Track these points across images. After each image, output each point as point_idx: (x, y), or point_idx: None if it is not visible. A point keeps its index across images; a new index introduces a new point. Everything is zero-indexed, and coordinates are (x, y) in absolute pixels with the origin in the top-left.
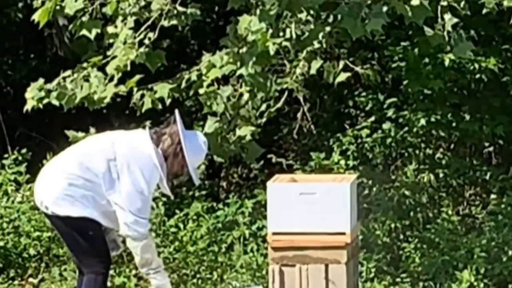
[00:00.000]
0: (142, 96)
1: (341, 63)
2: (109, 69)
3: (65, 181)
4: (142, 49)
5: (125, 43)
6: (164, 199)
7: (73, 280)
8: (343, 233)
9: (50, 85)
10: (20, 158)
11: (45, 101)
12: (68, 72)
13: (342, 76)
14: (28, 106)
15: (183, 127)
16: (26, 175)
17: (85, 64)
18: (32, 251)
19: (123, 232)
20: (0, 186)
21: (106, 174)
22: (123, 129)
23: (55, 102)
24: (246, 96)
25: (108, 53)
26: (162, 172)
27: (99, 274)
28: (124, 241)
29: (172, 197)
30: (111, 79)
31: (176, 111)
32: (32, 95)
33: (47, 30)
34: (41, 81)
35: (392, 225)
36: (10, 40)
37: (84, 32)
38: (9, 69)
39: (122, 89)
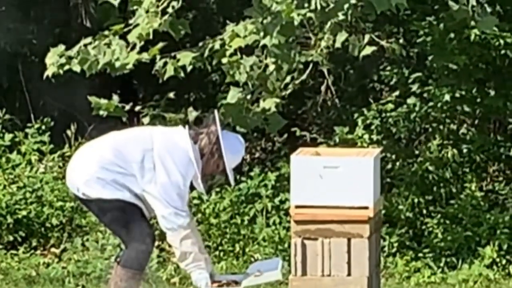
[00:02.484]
0: (165, 64)
1: (366, 37)
2: (131, 37)
3: (97, 164)
4: (165, 17)
5: (147, 11)
6: None
7: (95, 250)
8: (366, 207)
9: (71, 52)
10: (43, 127)
11: (66, 67)
12: (89, 39)
13: (367, 50)
14: (48, 72)
15: (221, 128)
16: (49, 144)
17: (106, 32)
18: (54, 221)
19: (162, 225)
20: (24, 155)
21: (141, 164)
22: (148, 100)
23: (76, 69)
24: (271, 67)
25: (130, 21)
26: (197, 169)
27: (139, 252)
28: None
29: (206, 196)
30: (133, 47)
31: (215, 112)
32: (52, 61)
33: (73, 1)
34: (61, 47)
35: (415, 200)
36: (35, 9)
37: None
38: (34, 38)
39: (145, 56)
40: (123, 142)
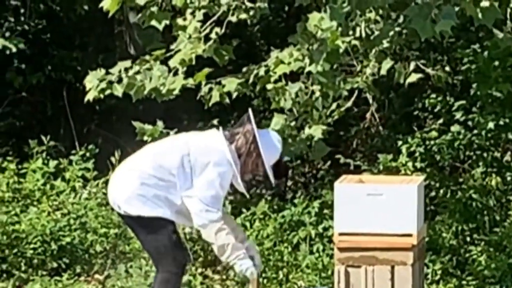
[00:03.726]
0: (210, 89)
1: (412, 64)
2: (173, 62)
3: (137, 181)
4: (210, 43)
5: (189, 37)
6: (230, 198)
7: (138, 277)
8: (410, 235)
9: (111, 76)
10: (87, 154)
11: (108, 92)
12: (128, 63)
13: (413, 77)
14: (89, 97)
15: (256, 126)
16: (93, 171)
17: (147, 57)
18: (98, 248)
19: (195, 222)
20: (68, 182)
21: (179, 169)
22: (192, 127)
23: (117, 93)
24: (317, 94)
25: (172, 46)
26: (236, 169)
27: (172, 273)
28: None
29: (247, 196)
30: (175, 73)
31: (250, 110)
32: (92, 85)
33: (118, 28)
34: (102, 71)
35: (459, 228)
36: (81, 36)
37: (153, 22)
38: (78, 64)
39: (191, 82)
40: (161, 152)
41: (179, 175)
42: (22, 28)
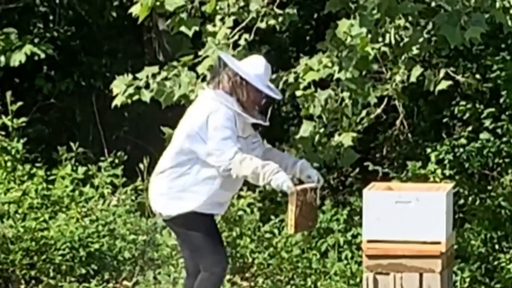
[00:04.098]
0: None
1: (442, 71)
2: (201, 68)
3: (165, 181)
4: (239, 49)
5: (218, 44)
6: (259, 205)
7: (167, 283)
8: (438, 242)
9: (139, 82)
10: (116, 161)
11: (136, 97)
12: (156, 69)
13: (443, 84)
14: (117, 102)
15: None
16: (122, 178)
17: (175, 63)
18: (127, 254)
19: (221, 171)
20: (97, 188)
21: (192, 143)
22: None
23: (145, 99)
24: (347, 101)
25: (200, 53)
26: (235, 107)
27: (214, 273)
28: None
29: (266, 123)
30: (203, 79)
31: (221, 55)
32: (119, 90)
33: (147, 34)
34: (129, 77)
35: (488, 235)
36: (109, 43)
37: (182, 28)
38: (107, 71)
39: None
40: (172, 145)
41: (195, 148)
42: (51, 35)
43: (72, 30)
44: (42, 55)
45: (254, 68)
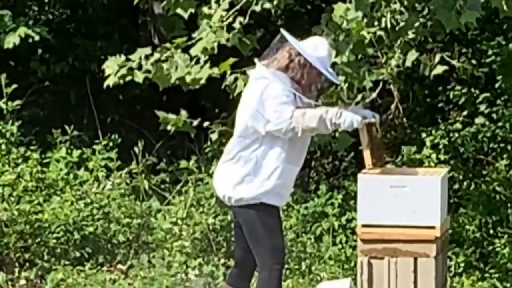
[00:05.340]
0: (235, 79)
1: (438, 56)
2: (195, 51)
3: (232, 166)
4: (234, 32)
5: (210, 27)
6: None
7: (161, 267)
8: (433, 227)
9: (132, 63)
10: (111, 144)
11: (128, 78)
12: (149, 51)
13: (439, 69)
14: (109, 82)
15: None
16: (117, 161)
17: (168, 45)
18: (121, 238)
19: (275, 127)
20: (91, 172)
21: (254, 122)
22: (215, 117)
23: (138, 80)
24: (343, 85)
25: (194, 35)
26: (289, 86)
27: (272, 271)
28: None
29: (318, 103)
30: (197, 61)
31: (282, 30)
32: (111, 71)
33: (142, 18)
34: (122, 57)
35: (482, 220)
36: (105, 26)
37: (179, 10)
38: (102, 54)
39: (216, 71)
40: (236, 125)
41: (256, 125)
42: (46, 18)
43: (67, 12)
44: (37, 37)
45: (318, 50)
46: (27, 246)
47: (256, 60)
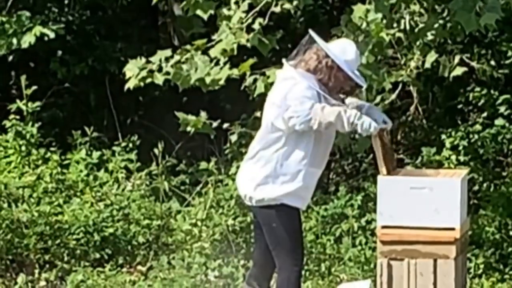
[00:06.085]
0: (255, 80)
1: (457, 58)
2: (214, 52)
3: (255, 166)
4: (253, 33)
5: (230, 28)
6: None
7: (181, 268)
8: (453, 229)
9: (152, 65)
10: (130, 145)
11: (148, 80)
12: (169, 53)
13: (458, 70)
14: (129, 85)
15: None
16: (136, 162)
17: (188, 46)
18: (141, 239)
19: (293, 115)
20: (111, 173)
21: (278, 121)
22: (235, 118)
23: (158, 82)
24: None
25: (213, 37)
26: (316, 88)
27: (291, 272)
28: None
29: (344, 106)
30: (217, 63)
31: (310, 31)
32: (132, 74)
33: (162, 19)
34: (142, 60)
35: (502, 222)
36: (124, 27)
37: (198, 12)
38: (121, 55)
39: (235, 72)
40: (262, 125)
41: (279, 124)
42: (66, 19)
43: (87, 14)
44: (52, 35)
45: (346, 53)
46: (47, 247)
47: (284, 60)
